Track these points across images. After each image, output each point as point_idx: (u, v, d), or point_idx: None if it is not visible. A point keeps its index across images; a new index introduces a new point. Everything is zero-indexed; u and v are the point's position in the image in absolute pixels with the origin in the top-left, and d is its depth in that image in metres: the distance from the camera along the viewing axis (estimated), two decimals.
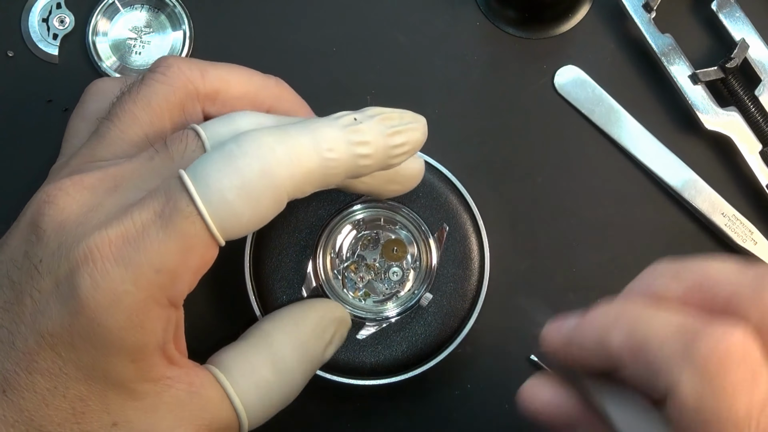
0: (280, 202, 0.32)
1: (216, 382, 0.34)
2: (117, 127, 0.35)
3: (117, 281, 0.30)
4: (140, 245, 0.30)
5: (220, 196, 0.31)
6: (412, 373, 0.41)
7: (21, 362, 0.31)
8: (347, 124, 0.33)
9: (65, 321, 0.30)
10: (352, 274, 0.42)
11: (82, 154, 0.35)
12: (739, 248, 0.44)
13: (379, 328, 0.41)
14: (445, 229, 0.41)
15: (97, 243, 0.30)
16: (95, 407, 0.31)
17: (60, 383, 0.31)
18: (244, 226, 0.31)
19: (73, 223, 0.31)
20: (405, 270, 0.42)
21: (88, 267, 0.30)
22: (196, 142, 0.33)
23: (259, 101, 0.37)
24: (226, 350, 0.36)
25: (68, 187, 0.32)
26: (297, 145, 0.32)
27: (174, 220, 0.30)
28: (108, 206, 0.32)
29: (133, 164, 0.33)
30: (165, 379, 0.32)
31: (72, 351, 0.31)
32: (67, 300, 0.30)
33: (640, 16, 0.45)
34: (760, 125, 0.44)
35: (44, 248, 0.31)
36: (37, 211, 0.32)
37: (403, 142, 0.34)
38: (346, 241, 0.42)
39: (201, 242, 0.31)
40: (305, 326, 0.38)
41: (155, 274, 0.30)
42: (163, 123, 0.35)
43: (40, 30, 0.45)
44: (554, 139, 0.46)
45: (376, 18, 0.46)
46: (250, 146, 0.31)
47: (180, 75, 0.35)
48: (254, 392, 0.35)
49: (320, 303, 0.39)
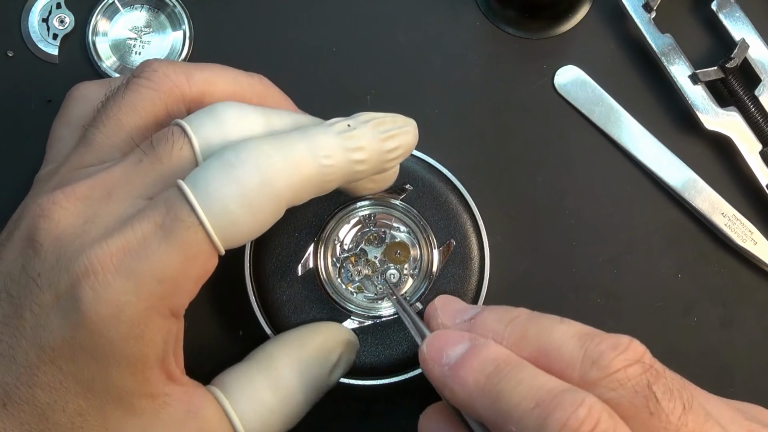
0: (279, 210, 0.32)
1: (216, 402, 0.34)
2: (102, 132, 0.35)
3: (119, 292, 0.30)
4: (142, 256, 0.30)
5: (221, 205, 0.31)
6: (412, 373, 0.41)
7: (22, 376, 0.31)
8: (342, 131, 0.33)
9: (67, 334, 0.30)
10: (351, 265, 0.42)
11: (70, 162, 0.35)
12: (739, 248, 0.44)
13: (362, 324, 0.41)
14: (452, 245, 0.41)
15: (98, 255, 0.30)
16: (93, 423, 0.31)
17: (60, 397, 0.31)
18: (244, 234, 0.32)
19: (70, 236, 0.31)
20: (403, 274, 0.42)
21: (89, 279, 0.30)
22: (183, 139, 0.33)
23: (245, 101, 0.37)
24: (229, 371, 0.36)
25: (61, 200, 0.32)
26: (294, 154, 0.32)
27: (175, 230, 0.31)
28: (104, 217, 0.32)
29: (122, 168, 0.33)
30: (163, 396, 0.32)
31: (72, 364, 0.31)
32: (68, 313, 0.30)
33: (640, 16, 0.45)
34: (760, 125, 0.44)
35: (42, 262, 0.31)
36: (32, 225, 0.32)
37: (396, 146, 0.34)
38: (352, 232, 0.42)
39: (202, 252, 0.31)
40: (309, 349, 0.37)
41: (157, 285, 0.30)
42: (149, 128, 0.35)
43: (40, 30, 0.45)
44: (554, 139, 0.46)
45: (376, 18, 0.46)
46: (248, 155, 0.31)
47: (165, 79, 0.35)
48: (254, 413, 0.34)
49: (326, 326, 0.39)
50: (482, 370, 0.31)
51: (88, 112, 0.36)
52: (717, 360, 0.45)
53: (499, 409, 0.30)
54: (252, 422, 0.34)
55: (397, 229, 0.42)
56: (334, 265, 0.42)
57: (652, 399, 0.30)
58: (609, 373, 0.30)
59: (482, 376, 0.31)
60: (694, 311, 0.45)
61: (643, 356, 0.31)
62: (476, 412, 0.31)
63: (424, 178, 0.42)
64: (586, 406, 0.28)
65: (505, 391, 0.30)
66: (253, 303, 0.42)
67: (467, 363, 0.31)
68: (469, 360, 0.31)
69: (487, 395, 0.30)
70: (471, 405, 0.31)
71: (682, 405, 0.30)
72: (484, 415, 0.31)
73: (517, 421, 0.29)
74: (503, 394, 0.30)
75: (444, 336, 0.33)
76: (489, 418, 0.30)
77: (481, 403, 0.31)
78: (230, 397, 0.34)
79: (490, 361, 0.31)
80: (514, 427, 0.29)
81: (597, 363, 0.31)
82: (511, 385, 0.30)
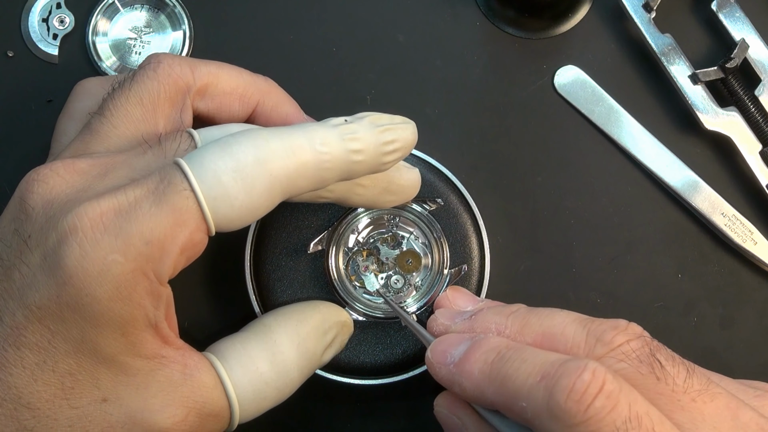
0: (273, 193, 0.32)
1: (211, 367, 0.34)
2: (110, 122, 0.35)
3: (106, 250, 0.30)
4: (131, 216, 0.31)
5: (214, 176, 0.31)
6: (412, 373, 0.42)
7: (9, 337, 0.31)
8: (338, 124, 0.34)
9: (53, 292, 0.30)
10: (360, 258, 0.42)
11: (74, 147, 0.35)
12: (739, 248, 0.44)
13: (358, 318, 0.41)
14: (463, 270, 0.41)
15: (88, 213, 0.30)
16: (85, 382, 0.31)
17: (49, 357, 0.31)
18: (236, 212, 0.32)
19: (62, 200, 0.32)
20: (407, 283, 0.42)
21: (77, 236, 0.30)
22: (190, 141, 0.34)
23: (247, 96, 0.38)
24: (225, 339, 0.36)
25: (59, 168, 0.32)
26: (291, 139, 0.32)
27: (167, 195, 0.31)
28: (98, 188, 0.32)
29: (125, 155, 0.34)
30: (159, 358, 0.32)
31: (60, 323, 0.31)
32: (54, 270, 0.30)
33: (640, 16, 0.45)
34: (760, 125, 0.44)
35: (32, 224, 0.31)
36: (26, 189, 0.32)
37: (393, 139, 0.34)
38: (370, 227, 0.42)
39: (192, 219, 0.31)
40: (307, 325, 0.38)
41: (144, 246, 0.31)
42: (155, 119, 0.36)
43: (40, 30, 0.45)
44: (554, 139, 0.46)
45: (376, 18, 0.46)
46: (245, 137, 0.32)
47: (170, 71, 0.36)
48: (249, 383, 0.35)
49: (324, 305, 0.39)
50: (486, 360, 0.32)
51: (91, 106, 0.37)
52: (717, 360, 0.45)
53: (507, 390, 0.31)
54: (246, 392, 0.34)
55: (416, 239, 0.42)
56: (346, 254, 0.42)
57: (657, 365, 0.31)
58: (613, 347, 0.32)
59: (486, 365, 0.32)
60: (694, 311, 0.45)
61: (642, 334, 0.33)
62: (487, 400, 0.32)
63: (424, 177, 0.42)
64: (589, 370, 0.29)
65: (511, 372, 0.31)
66: (254, 302, 0.42)
67: (471, 356, 0.33)
68: (473, 353, 0.33)
69: (494, 380, 0.31)
70: (481, 394, 0.32)
71: (686, 369, 0.31)
72: (495, 400, 0.31)
73: (525, 396, 0.30)
74: (509, 375, 0.31)
75: (446, 340, 0.35)
76: (500, 403, 0.31)
77: (490, 390, 0.32)
78: (226, 365, 0.34)
79: (492, 350, 0.32)
80: (524, 402, 0.30)
81: (601, 340, 0.32)
82: (515, 365, 0.31)
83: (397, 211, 0.42)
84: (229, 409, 0.34)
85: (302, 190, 0.33)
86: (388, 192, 0.37)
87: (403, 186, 0.38)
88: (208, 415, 0.33)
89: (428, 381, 0.43)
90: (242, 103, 0.38)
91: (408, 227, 0.42)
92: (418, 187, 0.39)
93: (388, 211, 0.42)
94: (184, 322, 0.36)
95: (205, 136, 0.34)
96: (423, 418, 0.44)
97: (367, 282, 0.42)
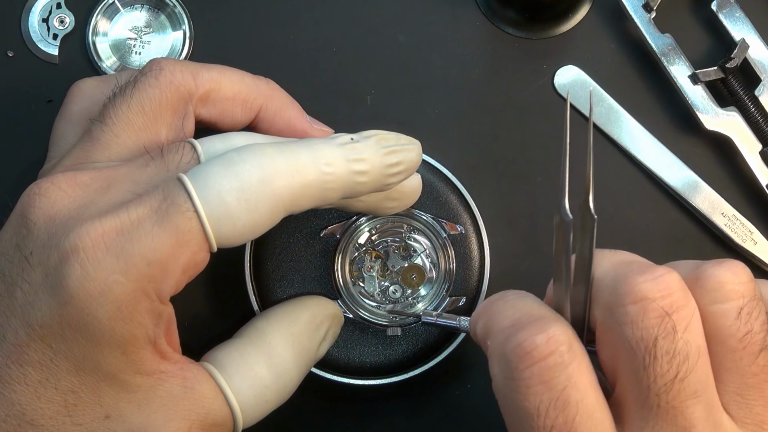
0: (276, 213, 0.32)
1: (210, 378, 0.34)
2: (111, 130, 0.35)
3: (107, 270, 0.30)
4: (134, 237, 0.31)
5: (218, 196, 0.31)
6: (412, 373, 0.42)
7: (12, 355, 0.31)
8: (344, 143, 0.34)
9: (54, 311, 0.30)
10: (368, 258, 0.42)
11: (75, 155, 0.35)
12: (739, 248, 0.44)
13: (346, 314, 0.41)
14: (460, 301, 0.42)
15: (90, 233, 0.30)
16: (87, 399, 0.32)
17: (51, 375, 0.31)
18: (238, 231, 0.32)
19: (64, 216, 0.32)
20: (404, 295, 0.42)
21: (78, 256, 0.30)
22: (192, 153, 0.33)
23: (250, 101, 0.38)
24: (220, 347, 0.36)
25: (60, 181, 0.32)
26: (296, 158, 0.32)
27: (170, 214, 0.31)
28: (100, 204, 0.32)
29: (127, 167, 0.33)
30: (158, 373, 0.32)
31: (62, 342, 0.31)
32: (56, 290, 0.30)
33: (640, 16, 0.45)
34: (760, 125, 0.44)
35: (34, 240, 0.31)
36: (28, 203, 0.32)
37: (398, 161, 0.34)
38: (384, 233, 0.43)
39: (194, 239, 0.31)
40: (299, 323, 0.38)
41: (146, 266, 0.31)
42: (157, 127, 0.35)
43: (40, 30, 0.45)
44: (554, 139, 0.46)
45: (376, 18, 0.46)
46: (249, 155, 0.32)
47: (172, 78, 0.36)
48: (249, 389, 0.35)
49: (313, 300, 0.40)
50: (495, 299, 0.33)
51: (88, 107, 0.37)
52: None
53: (486, 325, 0.31)
54: (247, 398, 0.34)
55: (428, 256, 0.42)
56: (355, 249, 0.42)
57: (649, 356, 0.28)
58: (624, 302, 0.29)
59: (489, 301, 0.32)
60: None
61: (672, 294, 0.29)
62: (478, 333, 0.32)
63: (424, 178, 0.42)
64: (546, 334, 0.29)
65: (499, 311, 0.31)
66: (254, 302, 0.42)
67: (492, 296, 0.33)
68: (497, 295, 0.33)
69: (485, 314, 0.32)
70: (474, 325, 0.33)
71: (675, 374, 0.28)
72: (480, 333, 0.32)
73: (492, 335, 0.30)
74: (497, 313, 0.31)
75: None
76: (481, 336, 0.32)
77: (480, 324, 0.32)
78: (224, 374, 0.34)
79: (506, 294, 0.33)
80: (489, 341, 0.31)
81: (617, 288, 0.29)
82: (506, 306, 0.31)
83: (415, 223, 0.42)
84: (232, 417, 0.34)
85: (305, 208, 0.33)
86: (390, 198, 0.37)
87: (405, 192, 0.38)
88: (212, 425, 0.34)
89: (428, 381, 0.43)
90: (245, 109, 0.38)
91: (421, 245, 0.42)
92: (419, 193, 0.39)
93: (407, 219, 0.42)
94: (184, 322, 0.36)
95: (208, 147, 0.34)
96: (423, 418, 0.44)
97: (367, 282, 0.42)
